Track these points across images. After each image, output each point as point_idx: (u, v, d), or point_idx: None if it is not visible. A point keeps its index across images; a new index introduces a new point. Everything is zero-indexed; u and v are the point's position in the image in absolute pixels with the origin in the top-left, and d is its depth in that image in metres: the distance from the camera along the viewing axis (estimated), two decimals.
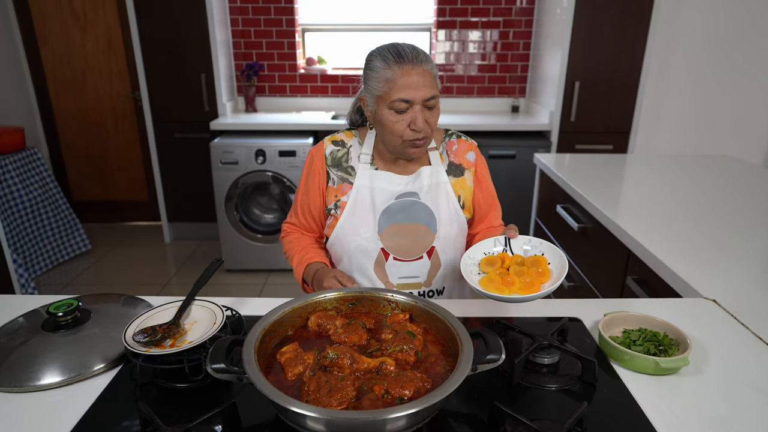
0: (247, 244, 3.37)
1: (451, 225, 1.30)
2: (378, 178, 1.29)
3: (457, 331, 0.85)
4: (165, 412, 0.79)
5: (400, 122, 1.18)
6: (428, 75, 1.16)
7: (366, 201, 1.28)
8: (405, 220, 1.28)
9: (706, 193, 1.96)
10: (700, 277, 1.26)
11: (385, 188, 1.28)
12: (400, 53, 1.16)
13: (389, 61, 1.16)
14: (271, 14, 3.74)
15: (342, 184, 1.30)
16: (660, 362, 0.91)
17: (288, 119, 3.49)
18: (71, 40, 3.75)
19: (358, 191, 1.28)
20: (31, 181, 3.27)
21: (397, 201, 1.28)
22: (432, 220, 1.28)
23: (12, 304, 1.16)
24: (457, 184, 1.32)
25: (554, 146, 3.35)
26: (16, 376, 0.88)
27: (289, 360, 0.83)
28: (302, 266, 1.32)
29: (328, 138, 1.35)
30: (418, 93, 1.15)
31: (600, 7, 3.08)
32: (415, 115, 1.16)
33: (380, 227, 1.27)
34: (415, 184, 1.29)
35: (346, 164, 1.31)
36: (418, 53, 1.17)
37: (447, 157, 1.34)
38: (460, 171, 1.33)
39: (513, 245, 1.14)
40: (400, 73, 1.15)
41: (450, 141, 1.35)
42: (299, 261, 1.33)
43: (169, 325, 0.96)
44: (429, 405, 0.70)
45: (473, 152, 1.36)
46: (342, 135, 1.35)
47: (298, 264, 1.33)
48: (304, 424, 0.71)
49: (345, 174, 1.31)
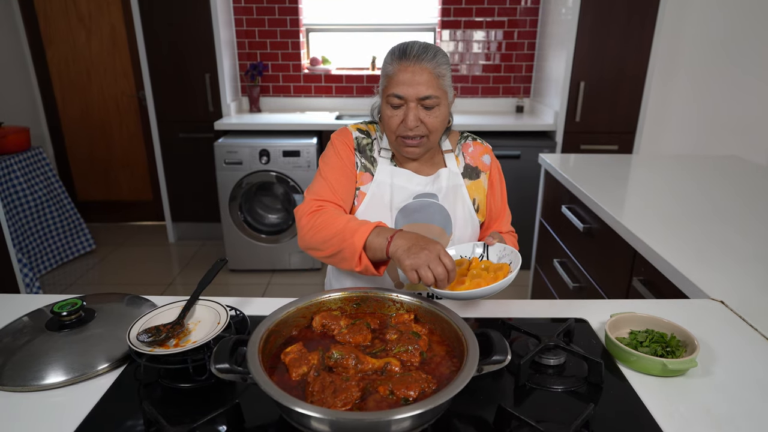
0: (251, 244, 3.37)
1: (466, 228, 1.30)
2: (398, 176, 1.28)
3: (463, 331, 0.85)
4: (169, 412, 0.79)
5: (394, 117, 1.18)
6: (427, 74, 1.15)
7: (385, 197, 1.27)
8: (421, 220, 1.27)
9: (713, 194, 1.94)
10: (707, 278, 1.25)
11: (405, 186, 1.27)
12: (405, 50, 1.16)
13: (393, 57, 1.18)
14: (275, 14, 3.74)
15: (365, 173, 1.28)
16: (667, 364, 0.90)
17: (292, 119, 3.49)
18: (76, 40, 3.76)
19: (378, 186, 1.27)
20: (36, 180, 3.28)
21: (414, 200, 1.27)
22: (447, 223, 1.28)
23: (16, 303, 1.16)
24: (472, 186, 1.32)
25: (559, 147, 3.34)
26: (21, 376, 0.88)
27: (293, 360, 0.82)
28: (367, 228, 1.07)
29: (352, 125, 1.33)
30: (411, 90, 1.14)
31: (605, 6, 3.06)
32: (408, 111, 1.16)
33: (396, 225, 1.27)
34: (434, 186, 1.28)
35: (369, 153, 1.30)
36: (425, 52, 1.15)
37: (463, 160, 1.33)
38: (475, 174, 1.33)
39: (490, 252, 1.16)
40: (399, 69, 1.16)
41: (465, 143, 1.35)
42: (359, 225, 1.09)
43: (173, 325, 0.95)
44: (434, 406, 0.69)
45: (488, 155, 1.35)
46: (366, 126, 1.34)
47: (360, 224, 1.08)
48: (308, 425, 0.71)
49: (368, 163, 1.29)
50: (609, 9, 3.07)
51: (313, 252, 1.17)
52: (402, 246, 1.01)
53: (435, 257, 0.97)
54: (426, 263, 0.96)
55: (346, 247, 1.08)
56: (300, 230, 1.19)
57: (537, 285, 2.56)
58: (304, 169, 3.22)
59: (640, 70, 3.19)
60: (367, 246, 1.06)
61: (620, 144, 3.38)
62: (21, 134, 3.21)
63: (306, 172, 3.22)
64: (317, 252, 1.16)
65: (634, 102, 3.27)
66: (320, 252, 1.15)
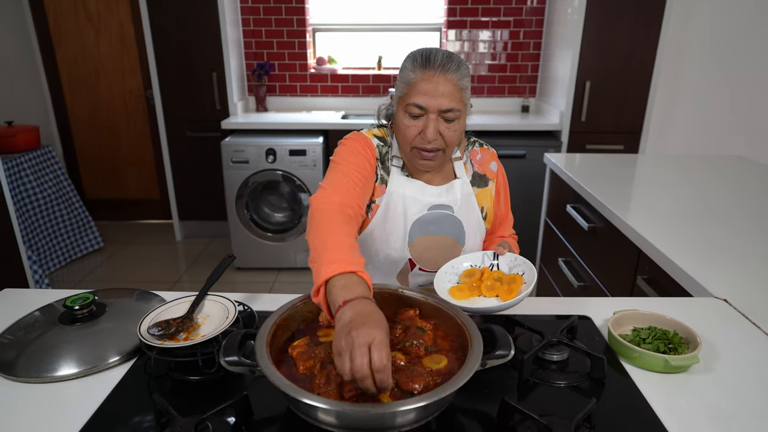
0: (257, 243, 3.40)
1: (476, 237, 1.29)
2: (410, 187, 1.24)
3: (467, 326, 0.86)
4: (179, 403, 0.80)
5: (412, 128, 1.14)
6: (451, 85, 1.10)
7: (398, 209, 1.23)
8: (436, 232, 1.25)
9: (718, 194, 1.94)
10: (710, 277, 1.25)
11: (417, 198, 1.24)
12: (428, 57, 1.11)
13: (416, 63, 1.12)
14: (282, 14, 3.76)
15: (381, 185, 1.24)
16: (670, 360, 0.91)
17: (298, 119, 3.51)
18: (85, 40, 3.80)
19: (391, 197, 1.23)
20: (45, 179, 3.31)
21: (429, 212, 1.25)
22: (461, 234, 1.27)
23: (27, 298, 1.18)
24: (480, 194, 1.31)
25: (564, 146, 3.34)
26: (34, 367, 0.90)
27: (300, 354, 0.84)
28: (338, 268, 0.85)
29: (367, 131, 1.26)
30: (433, 101, 1.10)
31: (611, 6, 3.06)
32: (428, 123, 1.12)
33: (411, 238, 1.24)
34: (448, 197, 1.26)
35: (387, 164, 1.25)
36: (450, 62, 1.11)
37: (471, 167, 1.31)
38: (484, 182, 1.31)
39: (501, 261, 1.17)
40: (422, 78, 1.10)
41: (473, 150, 1.33)
42: (333, 260, 0.86)
43: (182, 319, 0.97)
44: (438, 399, 0.70)
45: (495, 162, 1.34)
46: (380, 131, 1.27)
47: (330, 262, 0.86)
48: (315, 416, 0.72)
49: (385, 174, 1.24)
50: (615, 9, 3.06)
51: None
52: (343, 319, 0.76)
53: (363, 344, 0.71)
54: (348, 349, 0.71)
55: (315, 268, 0.88)
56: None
57: (541, 284, 2.57)
58: (310, 168, 3.24)
59: (646, 69, 3.19)
60: (328, 288, 0.84)
61: (626, 144, 3.37)
62: (31, 133, 3.25)
63: (312, 171, 3.24)
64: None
65: (640, 102, 3.27)
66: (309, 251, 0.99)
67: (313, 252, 0.92)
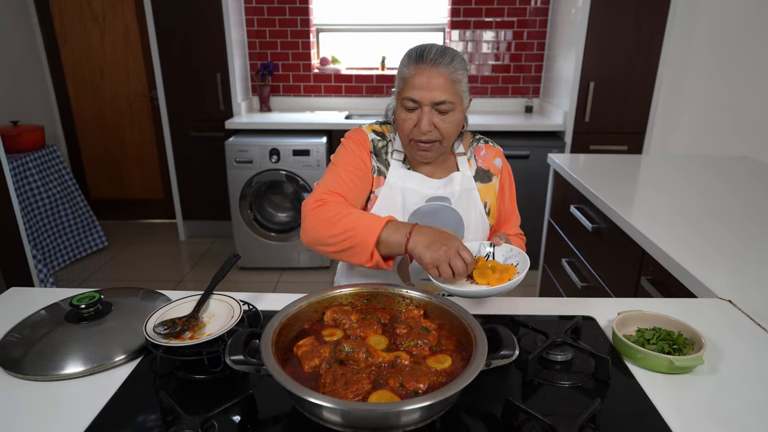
0: (261, 242, 3.40)
1: (477, 231, 1.30)
2: (410, 179, 1.28)
3: (471, 326, 0.86)
4: (184, 402, 0.81)
5: (408, 121, 1.18)
6: (443, 78, 1.14)
7: (397, 200, 1.27)
8: (434, 223, 1.26)
9: (723, 194, 1.94)
10: (715, 278, 1.25)
11: (417, 190, 1.27)
12: (422, 53, 1.15)
13: (410, 59, 1.17)
14: (286, 14, 3.77)
15: (378, 176, 1.29)
16: (674, 361, 0.91)
17: (302, 119, 3.52)
18: (90, 40, 3.82)
19: (390, 188, 1.27)
20: (50, 178, 3.33)
21: (427, 204, 1.27)
22: (460, 226, 1.28)
23: (33, 297, 1.19)
24: (483, 190, 1.32)
25: (568, 147, 3.34)
26: (41, 366, 0.91)
27: (305, 353, 0.84)
28: (380, 221, 1.08)
29: (367, 126, 1.32)
30: (426, 94, 1.14)
31: (615, 7, 3.06)
32: (422, 115, 1.16)
33: None
34: (446, 189, 1.28)
35: (384, 157, 1.30)
36: (442, 56, 1.14)
37: (475, 163, 1.33)
38: (487, 177, 1.33)
39: (496, 252, 1.17)
40: (415, 72, 1.15)
41: (478, 146, 1.35)
42: (370, 221, 1.09)
43: (188, 318, 0.98)
44: (443, 398, 0.70)
45: (500, 158, 1.35)
46: (380, 127, 1.33)
47: (372, 220, 1.09)
48: (320, 415, 0.72)
49: (383, 166, 1.29)
50: (619, 9, 3.06)
51: (319, 247, 1.13)
52: (422, 242, 1.03)
53: (455, 253, 1.01)
54: (446, 259, 1.00)
55: (358, 243, 1.07)
56: (305, 224, 1.15)
57: (545, 285, 2.57)
58: (314, 168, 3.24)
59: (650, 70, 3.19)
60: (381, 242, 1.07)
61: (630, 144, 3.37)
62: (36, 133, 3.27)
63: (315, 171, 3.25)
64: (324, 247, 1.12)
65: (644, 102, 3.26)
66: (327, 247, 1.12)
67: (340, 235, 1.09)
